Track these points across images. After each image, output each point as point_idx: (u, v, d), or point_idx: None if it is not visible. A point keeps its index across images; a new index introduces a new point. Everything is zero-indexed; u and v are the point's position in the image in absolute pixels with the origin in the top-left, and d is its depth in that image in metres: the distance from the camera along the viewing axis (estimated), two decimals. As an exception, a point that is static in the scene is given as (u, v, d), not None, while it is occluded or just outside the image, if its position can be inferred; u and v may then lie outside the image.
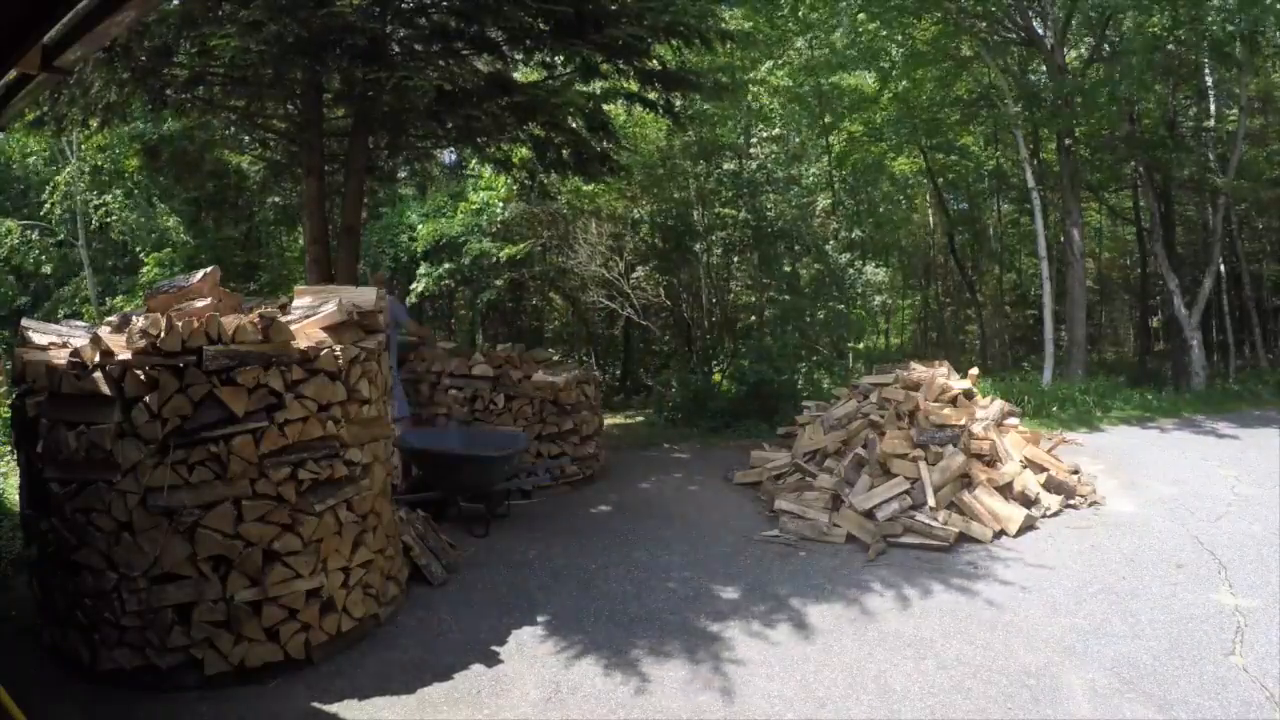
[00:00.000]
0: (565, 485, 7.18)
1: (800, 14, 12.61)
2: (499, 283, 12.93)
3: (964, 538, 5.47)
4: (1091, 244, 19.13)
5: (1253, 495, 6.53)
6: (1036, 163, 13.69)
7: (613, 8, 7.29)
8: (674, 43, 8.01)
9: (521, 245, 12.33)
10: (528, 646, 4.10)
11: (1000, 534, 5.59)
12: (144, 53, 6.70)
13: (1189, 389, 12.94)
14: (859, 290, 13.01)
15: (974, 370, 8.02)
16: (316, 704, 3.57)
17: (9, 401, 4.75)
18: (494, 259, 12.22)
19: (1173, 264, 14.27)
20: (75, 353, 3.76)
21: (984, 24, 13.08)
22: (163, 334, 3.66)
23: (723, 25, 9.35)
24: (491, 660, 3.95)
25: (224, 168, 12.70)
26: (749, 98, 13.01)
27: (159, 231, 14.46)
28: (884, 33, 12.70)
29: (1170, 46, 11.89)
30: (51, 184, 15.23)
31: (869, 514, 5.60)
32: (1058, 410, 10.96)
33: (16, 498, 4.67)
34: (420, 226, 12.56)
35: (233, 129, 10.34)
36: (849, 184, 15.65)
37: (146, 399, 3.61)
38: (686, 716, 3.45)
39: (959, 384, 7.24)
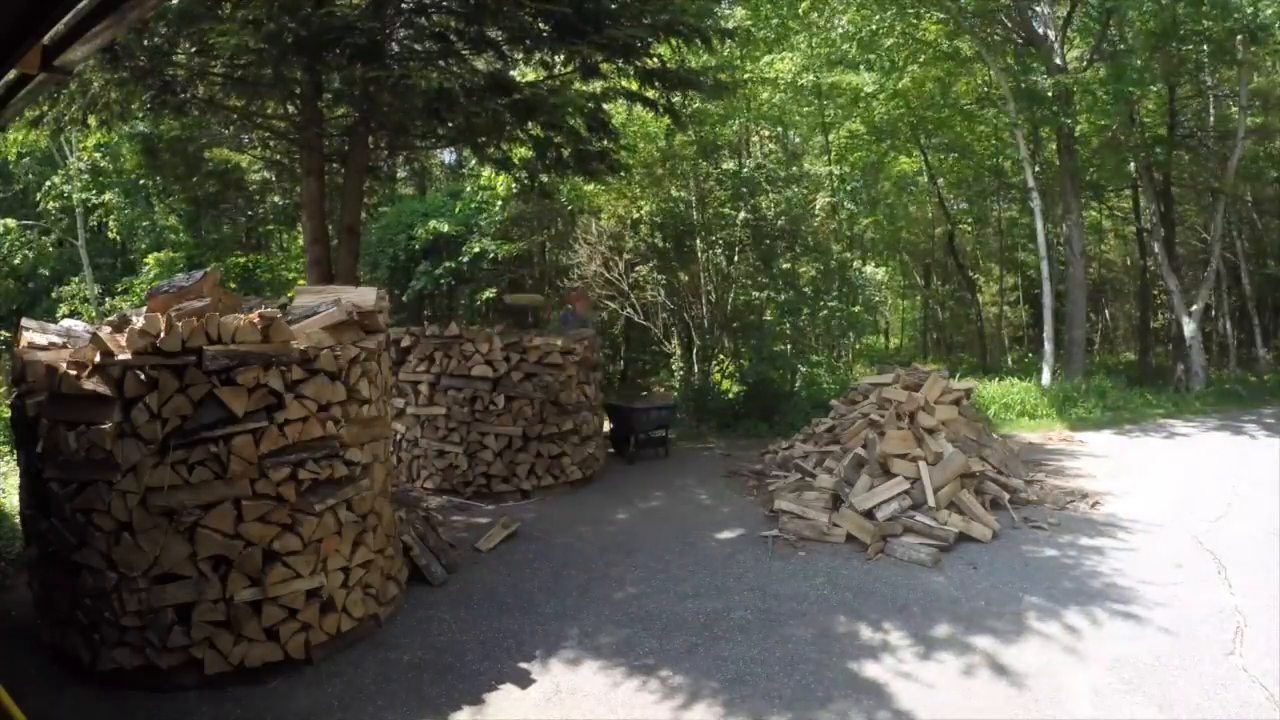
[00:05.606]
0: (565, 485, 7.19)
1: (801, 11, 12.58)
2: (503, 282, 12.91)
3: (964, 538, 5.47)
4: (1092, 244, 19.12)
5: (1253, 495, 6.54)
6: (1037, 162, 13.67)
7: (613, 7, 7.28)
8: (674, 42, 7.99)
9: (518, 244, 12.30)
10: (528, 647, 4.10)
11: (1000, 534, 5.59)
12: (144, 53, 6.69)
13: (1189, 389, 12.94)
14: (860, 288, 12.98)
15: (971, 383, 8.04)
16: (316, 704, 3.57)
17: (9, 401, 4.74)
18: (493, 257, 12.21)
19: (1173, 264, 14.26)
20: (75, 353, 3.76)
21: (983, 25, 13.05)
22: (162, 334, 3.66)
23: (722, 24, 9.33)
24: (492, 660, 3.95)
25: (224, 168, 12.70)
26: (749, 96, 12.97)
27: (158, 231, 14.48)
28: (884, 27, 12.64)
29: (1173, 44, 11.83)
30: (49, 183, 15.25)
31: (869, 514, 5.59)
32: (1058, 410, 10.96)
33: (16, 498, 4.67)
34: (418, 227, 12.54)
35: (233, 129, 10.33)
36: (849, 183, 15.62)
37: (146, 399, 3.61)
38: (687, 717, 3.45)
39: (959, 384, 7.24)
